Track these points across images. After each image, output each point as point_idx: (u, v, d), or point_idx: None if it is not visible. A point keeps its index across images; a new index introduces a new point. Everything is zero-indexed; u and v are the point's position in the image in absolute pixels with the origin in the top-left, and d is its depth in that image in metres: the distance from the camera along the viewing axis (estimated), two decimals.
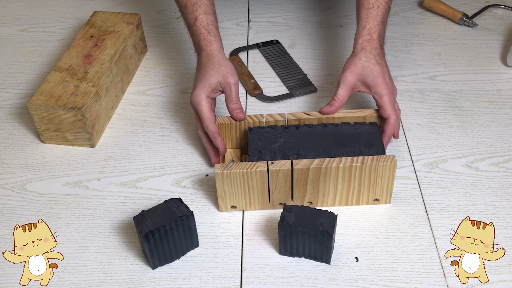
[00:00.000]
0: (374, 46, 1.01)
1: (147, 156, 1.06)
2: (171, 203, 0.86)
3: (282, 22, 1.39)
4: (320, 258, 0.87)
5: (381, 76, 0.98)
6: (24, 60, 1.30)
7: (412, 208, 0.95)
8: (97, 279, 0.87)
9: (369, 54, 1.00)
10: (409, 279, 0.85)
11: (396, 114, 0.98)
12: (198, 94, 0.98)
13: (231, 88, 0.98)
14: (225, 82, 0.98)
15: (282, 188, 0.92)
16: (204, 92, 0.98)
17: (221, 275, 0.87)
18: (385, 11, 1.05)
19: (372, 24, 1.03)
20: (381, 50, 1.02)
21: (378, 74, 0.98)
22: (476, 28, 1.35)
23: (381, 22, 1.03)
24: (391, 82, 1.01)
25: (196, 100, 0.98)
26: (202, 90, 0.98)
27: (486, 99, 1.16)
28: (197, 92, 0.98)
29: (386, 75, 1.00)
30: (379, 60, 1.00)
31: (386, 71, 1.01)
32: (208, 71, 0.99)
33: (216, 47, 1.02)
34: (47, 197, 0.99)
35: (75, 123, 1.04)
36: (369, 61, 0.99)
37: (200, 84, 0.99)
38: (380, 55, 1.01)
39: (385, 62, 1.02)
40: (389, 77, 1.01)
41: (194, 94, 0.99)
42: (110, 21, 1.23)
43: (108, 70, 1.11)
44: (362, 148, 0.92)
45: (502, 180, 0.99)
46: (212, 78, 0.98)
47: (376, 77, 0.98)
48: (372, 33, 1.02)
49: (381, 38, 1.03)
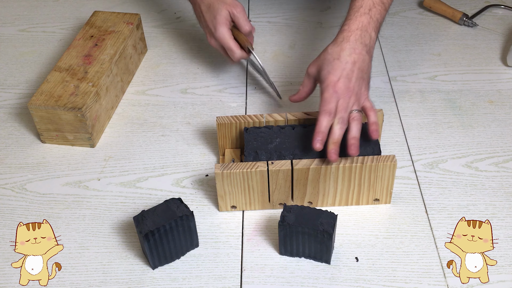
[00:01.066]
0: (346, 38, 0.91)
1: (147, 156, 1.06)
2: (171, 203, 0.86)
3: (282, 22, 1.39)
4: (320, 258, 0.87)
5: (334, 72, 0.89)
6: (24, 60, 1.30)
7: (412, 208, 0.95)
8: (97, 279, 0.87)
9: (336, 47, 0.91)
10: (409, 279, 0.85)
11: (328, 118, 0.88)
12: (221, 31, 1.07)
13: (238, 15, 1.07)
14: (233, 12, 1.07)
15: (282, 188, 0.92)
16: (226, 25, 1.07)
17: (221, 275, 0.87)
18: (374, 3, 0.95)
19: (353, 16, 0.94)
20: (358, 43, 0.91)
21: (331, 69, 0.90)
22: (476, 28, 1.35)
23: (365, 14, 0.94)
24: (348, 82, 0.89)
25: (221, 36, 1.07)
26: (223, 25, 1.07)
27: (486, 99, 1.16)
28: (220, 29, 1.07)
29: (344, 72, 0.89)
30: (345, 55, 0.90)
31: (349, 69, 0.89)
32: (215, 6, 1.07)
33: None
34: (47, 197, 0.99)
35: (75, 123, 1.04)
36: (331, 54, 0.91)
37: (218, 20, 1.07)
38: (352, 49, 0.90)
39: (357, 58, 0.90)
40: (349, 75, 0.89)
41: (219, 32, 1.07)
42: (110, 21, 1.23)
43: (108, 70, 1.11)
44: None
45: (502, 180, 0.99)
46: (223, 11, 1.07)
47: (328, 73, 0.90)
48: (350, 24, 0.93)
49: (362, 31, 0.92)
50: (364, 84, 0.92)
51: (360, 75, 0.91)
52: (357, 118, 0.90)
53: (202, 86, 1.21)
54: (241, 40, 1.10)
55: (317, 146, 0.88)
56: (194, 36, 1.35)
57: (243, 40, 1.10)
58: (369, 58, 0.93)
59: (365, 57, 0.92)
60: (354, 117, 0.90)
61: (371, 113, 0.91)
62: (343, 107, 0.89)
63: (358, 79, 0.90)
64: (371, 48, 0.94)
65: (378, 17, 0.95)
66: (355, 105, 0.90)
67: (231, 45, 1.08)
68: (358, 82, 0.90)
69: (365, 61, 0.92)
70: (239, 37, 1.10)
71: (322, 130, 0.88)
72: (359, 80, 0.91)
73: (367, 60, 0.93)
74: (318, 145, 0.88)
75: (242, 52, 1.09)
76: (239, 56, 1.09)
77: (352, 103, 0.90)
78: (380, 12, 0.96)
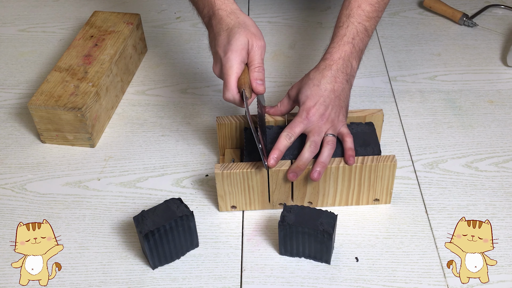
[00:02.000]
0: (328, 66, 0.91)
1: (147, 156, 1.06)
2: (171, 203, 0.86)
3: (282, 22, 1.39)
4: (320, 258, 0.87)
5: (311, 98, 0.89)
6: (24, 60, 1.30)
7: (412, 208, 0.95)
8: (97, 279, 0.87)
9: (317, 73, 0.91)
10: (409, 279, 0.85)
11: (288, 140, 0.88)
12: (231, 57, 0.87)
13: (257, 51, 0.88)
14: (252, 43, 0.88)
15: (282, 188, 0.92)
16: (239, 55, 0.87)
17: (221, 275, 0.87)
18: (358, 32, 0.94)
19: (337, 44, 0.94)
20: (339, 72, 0.91)
21: (310, 95, 0.90)
22: (476, 28, 1.35)
23: (348, 43, 0.93)
24: (323, 109, 0.89)
25: (227, 64, 0.87)
26: (236, 53, 0.86)
27: (486, 99, 1.16)
28: (231, 56, 0.87)
29: (321, 99, 0.89)
30: (325, 82, 0.90)
31: (326, 96, 0.89)
32: (234, 31, 0.87)
33: (236, 5, 0.91)
34: (47, 197, 0.99)
35: (75, 123, 1.04)
36: (312, 80, 0.91)
37: (233, 46, 0.86)
38: (333, 77, 0.91)
39: (337, 86, 0.91)
40: (326, 102, 0.89)
41: (227, 57, 0.87)
42: (110, 21, 1.23)
43: (108, 70, 1.11)
44: (358, 148, 0.92)
45: (502, 180, 0.99)
46: (241, 37, 0.87)
47: (306, 98, 0.90)
48: (333, 53, 0.93)
49: (345, 60, 0.92)
50: (341, 112, 0.92)
51: (338, 103, 0.91)
52: (331, 143, 0.89)
53: (202, 86, 1.21)
54: (242, 80, 0.88)
55: (271, 163, 0.87)
56: (194, 36, 1.35)
57: (242, 82, 0.88)
58: (349, 87, 0.94)
59: (345, 86, 0.92)
60: (328, 141, 0.89)
61: (347, 139, 0.91)
62: (316, 131, 0.89)
63: (335, 106, 0.90)
64: (351, 77, 0.94)
65: (361, 45, 0.95)
66: (330, 130, 0.90)
67: (230, 78, 0.87)
68: (334, 110, 0.90)
69: (344, 89, 0.92)
70: (242, 76, 0.89)
71: (281, 149, 0.88)
72: (336, 108, 0.91)
73: (347, 88, 0.93)
74: (272, 162, 0.87)
75: (236, 94, 0.88)
76: (230, 97, 0.88)
77: (327, 128, 0.90)
78: (362, 40, 0.95)
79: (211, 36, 0.92)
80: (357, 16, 0.95)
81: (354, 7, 0.96)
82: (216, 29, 0.90)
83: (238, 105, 0.90)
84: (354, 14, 0.95)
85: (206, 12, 0.93)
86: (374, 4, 0.96)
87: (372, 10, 0.96)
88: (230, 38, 0.87)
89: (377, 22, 0.99)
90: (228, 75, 0.87)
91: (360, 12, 0.95)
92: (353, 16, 0.95)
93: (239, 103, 0.89)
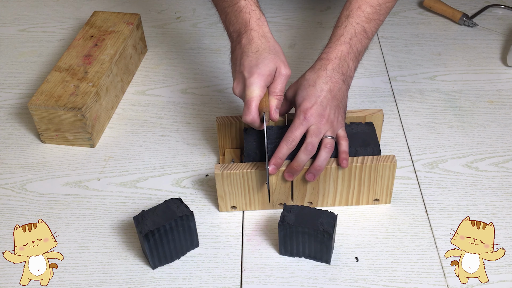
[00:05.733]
0: (323, 66, 0.90)
1: (147, 156, 1.06)
2: (171, 203, 0.86)
3: (282, 22, 1.39)
4: (320, 258, 0.87)
5: (308, 99, 0.88)
6: (24, 60, 1.30)
7: (412, 208, 0.95)
8: (97, 279, 0.87)
9: (313, 74, 0.90)
10: (409, 279, 0.85)
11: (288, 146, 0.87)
12: (256, 81, 0.86)
13: (282, 79, 0.89)
14: (280, 70, 0.88)
15: (282, 188, 0.92)
16: (264, 79, 0.87)
17: (221, 275, 0.87)
18: (356, 32, 0.93)
19: (334, 44, 0.93)
20: (335, 72, 0.90)
21: (306, 96, 0.89)
22: (476, 28, 1.35)
23: (345, 43, 0.92)
24: (321, 109, 0.88)
25: (251, 87, 0.86)
26: (262, 77, 0.87)
27: (486, 99, 1.16)
28: (256, 80, 0.86)
29: (318, 100, 0.88)
30: (321, 83, 0.89)
31: (323, 96, 0.88)
32: (263, 55, 0.87)
33: (269, 29, 0.91)
34: (47, 197, 0.99)
35: (75, 123, 1.04)
36: (307, 80, 0.90)
37: (261, 69, 0.87)
38: (329, 77, 0.90)
39: (333, 86, 0.89)
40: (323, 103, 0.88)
41: (252, 79, 0.86)
42: (110, 21, 1.23)
43: (108, 70, 1.11)
44: (358, 148, 0.92)
45: (502, 180, 0.99)
46: (270, 63, 0.87)
47: (303, 99, 0.89)
48: (329, 52, 0.92)
49: (341, 60, 0.91)
50: (340, 113, 0.91)
51: (336, 103, 0.90)
52: (329, 145, 0.88)
53: (202, 86, 1.21)
54: (263, 103, 0.88)
55: (270, 169, 0.87)
56: (194, 36, 1.35)
57: (263, 105, 0.88)
58: (346, 87, 0.93)
59: (342, 86, 0.91)
60: (327, 144, 0.88)
61: (343, 142, 0.90)
62: (315, 132, 0.87)
63: (333, 107, 0.89)
64: (348, 77, 0.92)
65: (359, 46, 0.94)
66: (328, 132, 0.89)
67: (252, 102, 0.86)
68: (333, 111, 0.89)
69: (341, 90, 0.91)
70: (263, 99, 0.89)
71: (280, 157, 0.87)
72: (334, 109, 0.89)
73: (343, 89, 0.91)
74: (271, 169, 0.87)
75: (257, 118, 0.88)
76: (249, 120, 0.87)
77: (326, 129, 0.88)
78: (361, 42, 0.94)
79: (236, 53, 0.91)
80: (356, 17, 0.95)
81: (354, 8, 0.95)
82: (245, 49, 0.89)
83: (256, 128, 0.90)
84: (354, 15, 0.95)
85: (237, 27, 0.92)
86: (375, 6, 0.96)
87: (373, 12, 0.95)
88: (258, 61, 0.87)
89: (379, 25, 0.97)
90: (251, 97, 0.87)
91: (359, 13, 0.95)
92: (352, 17, 0.95)
93: (258, 126, 0.90)
